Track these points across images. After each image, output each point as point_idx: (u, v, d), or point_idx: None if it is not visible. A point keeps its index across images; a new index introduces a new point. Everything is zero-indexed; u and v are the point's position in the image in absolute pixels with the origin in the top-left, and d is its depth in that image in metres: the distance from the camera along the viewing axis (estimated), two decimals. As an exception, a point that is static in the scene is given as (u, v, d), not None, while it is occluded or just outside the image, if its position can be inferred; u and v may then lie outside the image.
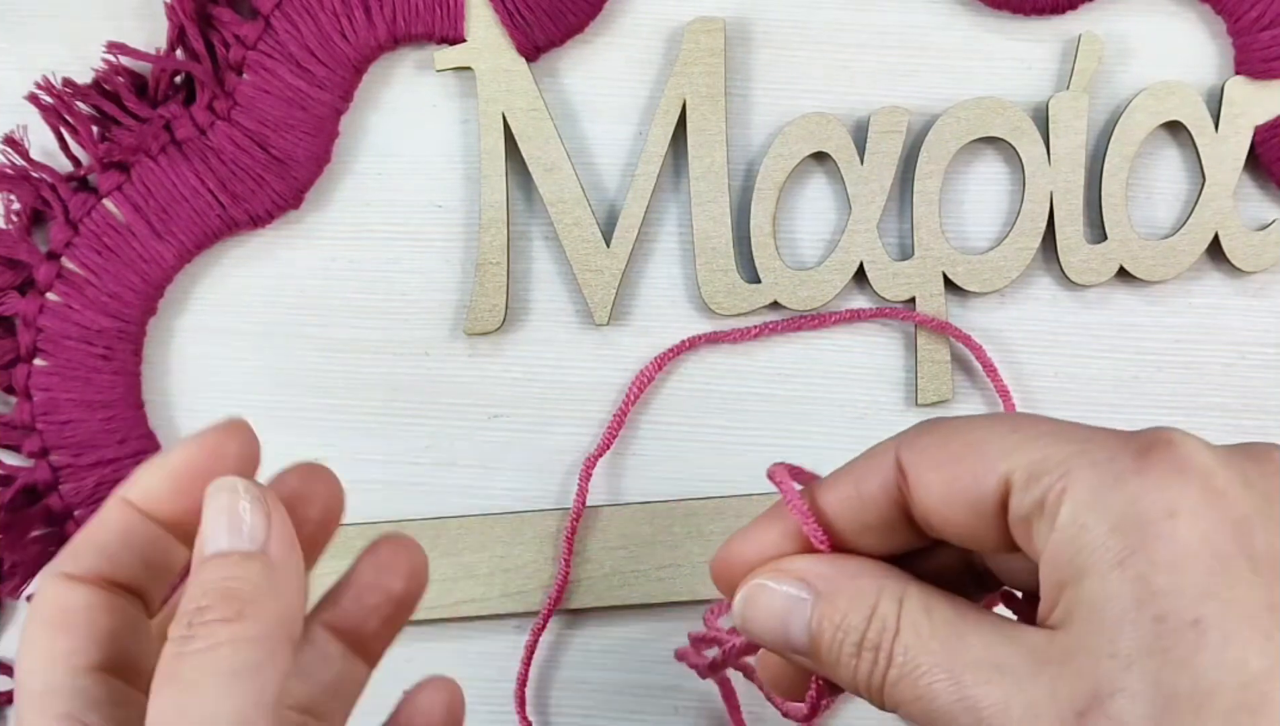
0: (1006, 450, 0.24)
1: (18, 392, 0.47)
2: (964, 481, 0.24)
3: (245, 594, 0.25)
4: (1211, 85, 0.50)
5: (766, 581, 0.26)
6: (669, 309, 0.50)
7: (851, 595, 0.25)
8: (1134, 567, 0.22)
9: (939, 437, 0.25)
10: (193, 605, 0.24)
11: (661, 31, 0.49)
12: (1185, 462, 0.22)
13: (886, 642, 0.24)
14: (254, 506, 0.26)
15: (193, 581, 0.25)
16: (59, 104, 0.47)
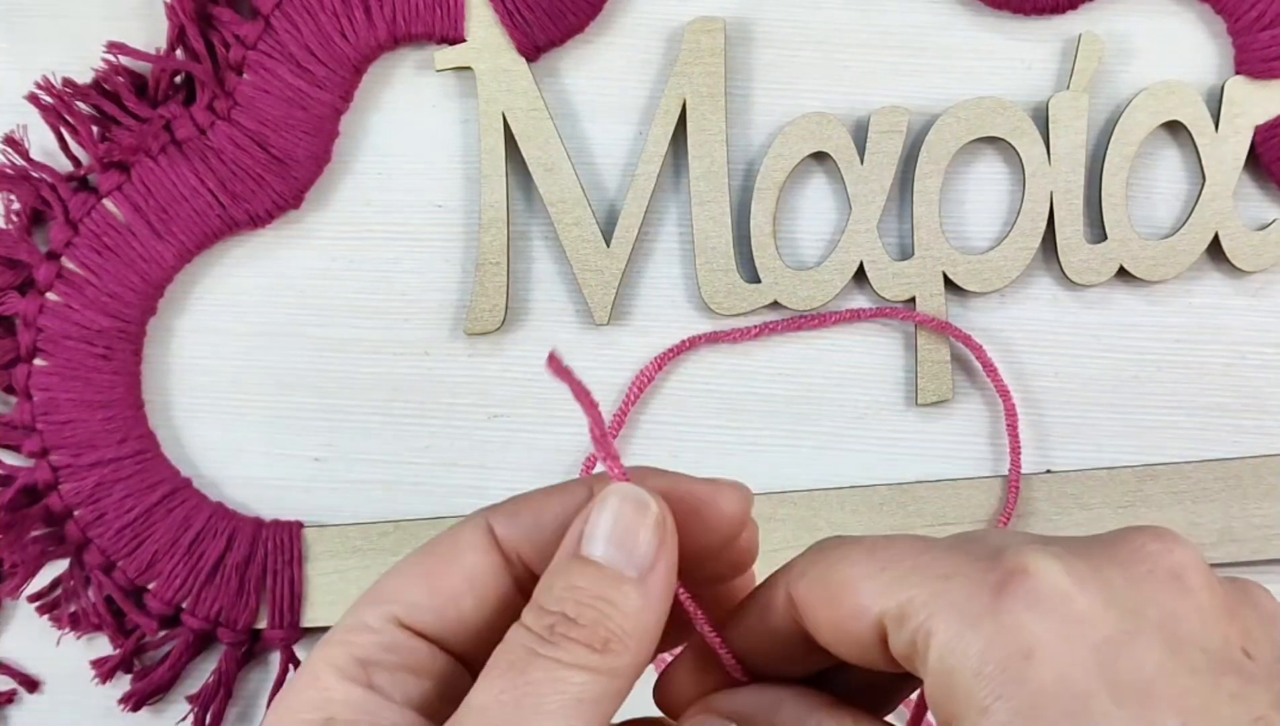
0: (876, 592, 0.24)
1: (18, 392, 0.47)
2: (845, 622, 0.25)
3: (615, 624, 0.24)
4: (1211, 85, 0.50)
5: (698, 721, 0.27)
6: (669, 309, 0.50)
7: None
8: (997, 716, 0.21)
9: (819, 574, 0.25)
10: (559, 608, 0.24)
11: (661, 31, 0.49)
12: (1041, 594, 0.22)
13: None
14: (652, 531, 0.25)
15: (561, 577, 0.24)
16: (59, 104, 0.47)
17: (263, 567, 0.48)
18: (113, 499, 0.47)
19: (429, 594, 0.26)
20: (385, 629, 0.25)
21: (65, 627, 0.48)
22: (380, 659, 0.25)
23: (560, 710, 0.23)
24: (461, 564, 0.26)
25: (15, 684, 0.50)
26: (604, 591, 0.24)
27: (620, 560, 0.24)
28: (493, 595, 0.26)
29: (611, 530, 0.24)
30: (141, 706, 0.48)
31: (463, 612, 0.26)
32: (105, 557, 0.47)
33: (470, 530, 0.26)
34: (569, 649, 0.23)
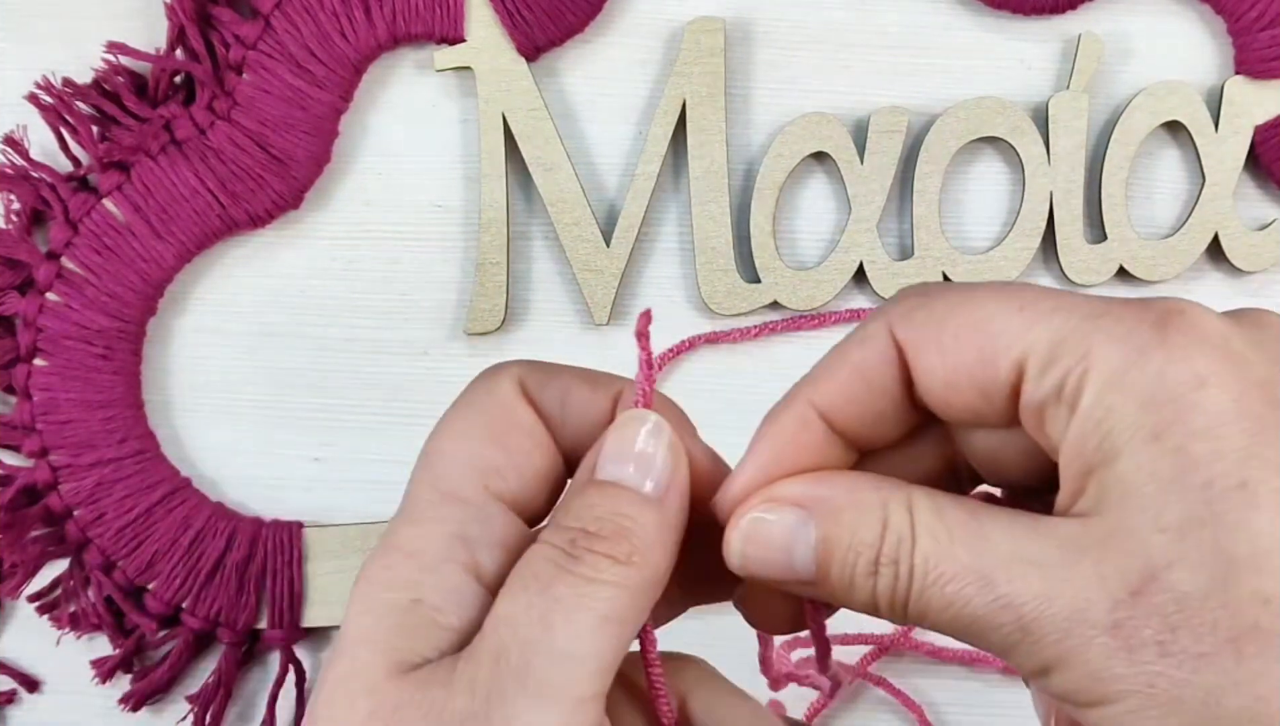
0: (1016, 332, 0.23)
1: (18, 392, 0.47)
2: (970, 367, 0.23)
3: (638, 538, 0.24)
4: (1211, 85, 0.50)
5: (760, 514, 0.25)
6: (669, 309, 0.50)
7: (855, 510, 0.24)
8: (1170, 440, 0.21)
9: (937, 315, 0.24)
10: (579, 525, 0.24)
11: (661, 31, 0.49)
12: (1203, 331, 0.22)
13: (905, 555, 0.23)
14: (668, 453, 0.25)
15: (579, 497, 0.24)
16: (59, 104, 0.47)
17: (263, 567, 0.48)
18: (113, 499, 0.47)
19: (506, 457, 0.25)
20: (482, 501, 0.25)
21: (65, 627, 0.48)
22: (479, 534, 0.24)
23: (586, 626, 0.23)
24: (519, 420, 0.26)
25: (15, 684, 0.50)
26: (622, 507, 0.24)
27: (636, 478, 0.24)
28: (550, 451, 0.26)
29: (622, 450, 0.25)
30: (141, 706, 0.48)
31: (537, 470, 0.26)
32: (105, 557, 0.47)
33: (508, 386, 0.26)
34: (593, 562, 0.23)
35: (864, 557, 0.23)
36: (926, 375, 0.24)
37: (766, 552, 0.25)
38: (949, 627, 0.23)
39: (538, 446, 0.26)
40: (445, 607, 0.24)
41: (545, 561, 0.23)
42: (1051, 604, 0.21)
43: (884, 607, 0.23)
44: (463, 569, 0.24)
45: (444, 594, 0.24)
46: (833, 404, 0.26)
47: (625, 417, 0.25)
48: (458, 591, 0.24)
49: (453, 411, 0.26)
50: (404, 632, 0.23)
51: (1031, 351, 0.22)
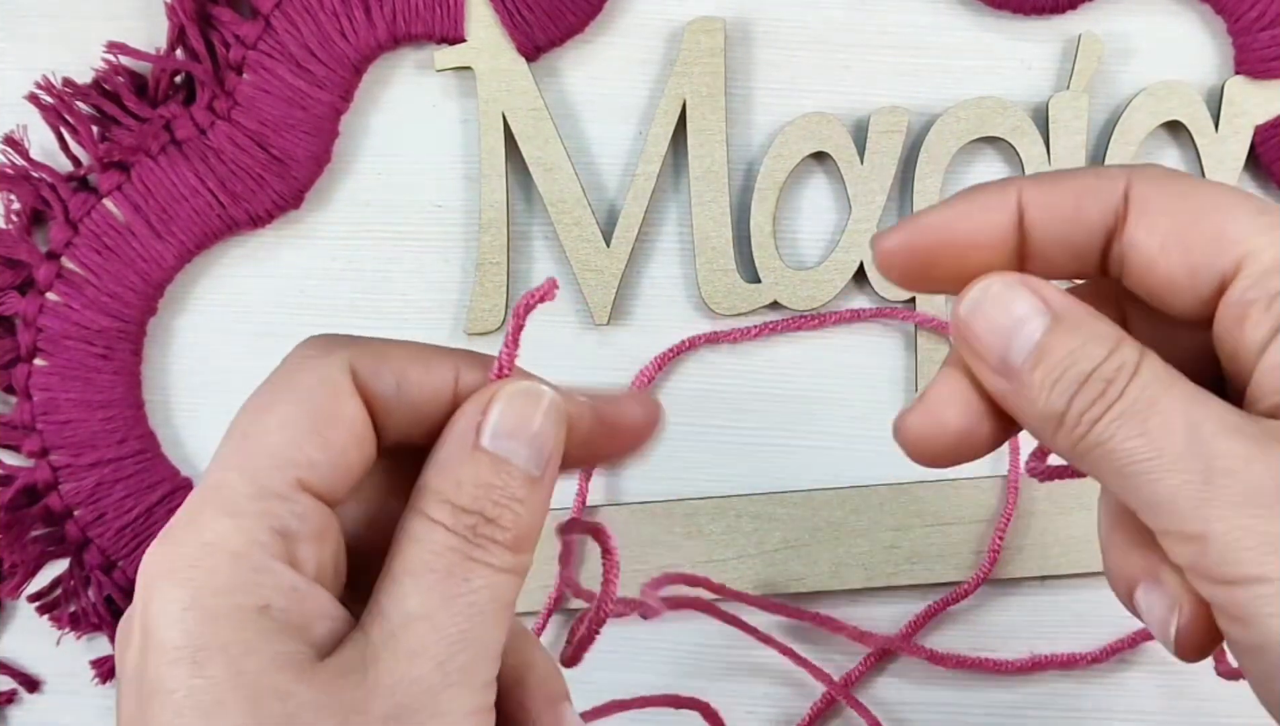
0: (1251, 231, 0.23)
1: (18, 392, 0.47)
2: (1194, 242, 0.24)
3: (523, 523, 0.24)
4: (1211, 85, 0.50)
5: (1006, 287, 0.25)
6: (669, 309, 0.50)
7: (1094, 330, 0.24)
8: None
9: (1181, 187, 0.24)
10: (478, 509, 0.24)
11: (661, 31, 0.49)
12: None
13: (1123, 377, 0.23)
14: (554, 428, 0.25)
15: (471, 471, 0.24)
16: (59, 104, 0.47)
17: (263, 567, 0.48)
18: (113, 499, 0.47)
19: (324, 452, 0.24)
20: (296, 496, 0.24)
21: (65, 627, 0.48)
22: (298, 529, 0.23)
23: (497, 616, 0.23)
24: (343, 415, 0.24)
25: (15, 684, 0.50)
26: (516, 491, 0.24)
27: (529, 459, 0.24)
28: (367, 444, 0.25)
29: (518, 427, 0.24)
30: (141, 706, 0.48)
31: (350, 466, 0.25)
32: (105, 557, 0.48)
33: (337, 372, 0.25)
34: (496, 551, 0.24)
35: (1079, 367, 0.24)
36: (1145, 234, 0.24)
37: (991, 323, 0.25)
38: (1120, 464, 0.23)
39: (357, 443, 0.25)
40: (290, 609, 0.23)
41: (448, 550, 0.23)
42: (1250, 465, 0.22)
43: (1070, 421, 0.24)
44: (289, 566, 0.23)
45: (284, 595, 0.23)
46: (1038, 204, 0.25)
47: (521, 391, 0.25)
48: (294, 590, 0.23)
49: (275, 388, 0.25)
50: (267, 638, 0.22)
51: (1260, 251, 0.23)
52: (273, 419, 0.24)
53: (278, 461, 0.24)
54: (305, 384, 0.25)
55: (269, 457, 0.24)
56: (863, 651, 0.50)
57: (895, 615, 0.50)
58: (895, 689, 0.50)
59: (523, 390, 0.25)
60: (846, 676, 0.50)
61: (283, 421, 0.24)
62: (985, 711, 0.50)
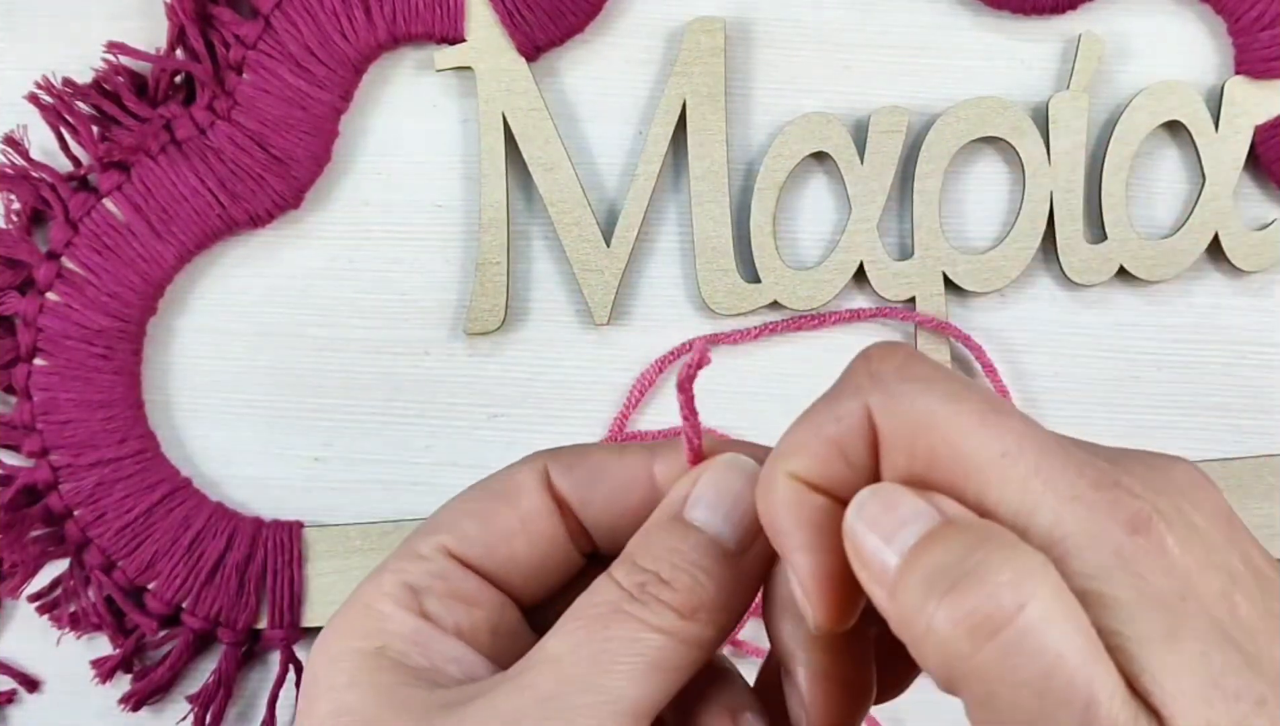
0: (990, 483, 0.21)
1: (18, 392, 0.47)
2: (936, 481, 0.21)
3: (708, 595, 0.24)
4: (1211, 85, 0.50)
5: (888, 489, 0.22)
6: (669, 309, 0.50)
7: None
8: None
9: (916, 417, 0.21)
10: (654, 567, 0.24)
11: (661, 31, 0.49)
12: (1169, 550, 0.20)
13: None
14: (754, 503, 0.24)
15: (662, 537, 0.24)
16: (59, 104, 0.47)
17: (263, 567, 0.48)
18: (113, 499, 0.47)
19: (481, 528, 0.26)
20: (436, 557, 0.26)
21: (65, 627, 0.48)
22: (430, 585, 0.25)
23: (634, 670, 0.23)
24: (517, 504, 0.26)
25: (15, 684, 0.50)
26: (703, 560, 0.24)
27: (725, 530, 0.24)
28: (545, 538, 0.26)
29: (718, 498, 0.24)
30: (141, 706, 0.48)
31: (514, 551, 0.26)
32: (105, 557, 0.48)
33: (527, 472, 0.27)
34: (656, 610, 0.23)
35: None
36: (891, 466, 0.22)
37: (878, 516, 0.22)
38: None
39: (527, 530, 0.26)
40: (409, 651, 0.24)
41: (606, 603, 0.23)
42: None
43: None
44: (413, 615, 0.25)
45: (406, 638, 0.24)
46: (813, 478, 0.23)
47: (724, 462, 0.25)
48: (419, 638, 0.24)
49: (474, 486, 0.27)
50: (382, 672, 0.24)
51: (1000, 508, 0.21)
52: (449, 506, 0.27)
53: (430, 530, 0.26)
54: (491, 481, 0.27)
55: (424, 529, 0.26)
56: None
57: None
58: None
59: (727, 463, 0.25)
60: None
61: (459, 505, 0.27)
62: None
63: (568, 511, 0.27)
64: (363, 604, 0.25)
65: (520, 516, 0.26)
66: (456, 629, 0.25)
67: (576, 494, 0.27)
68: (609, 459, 0.27)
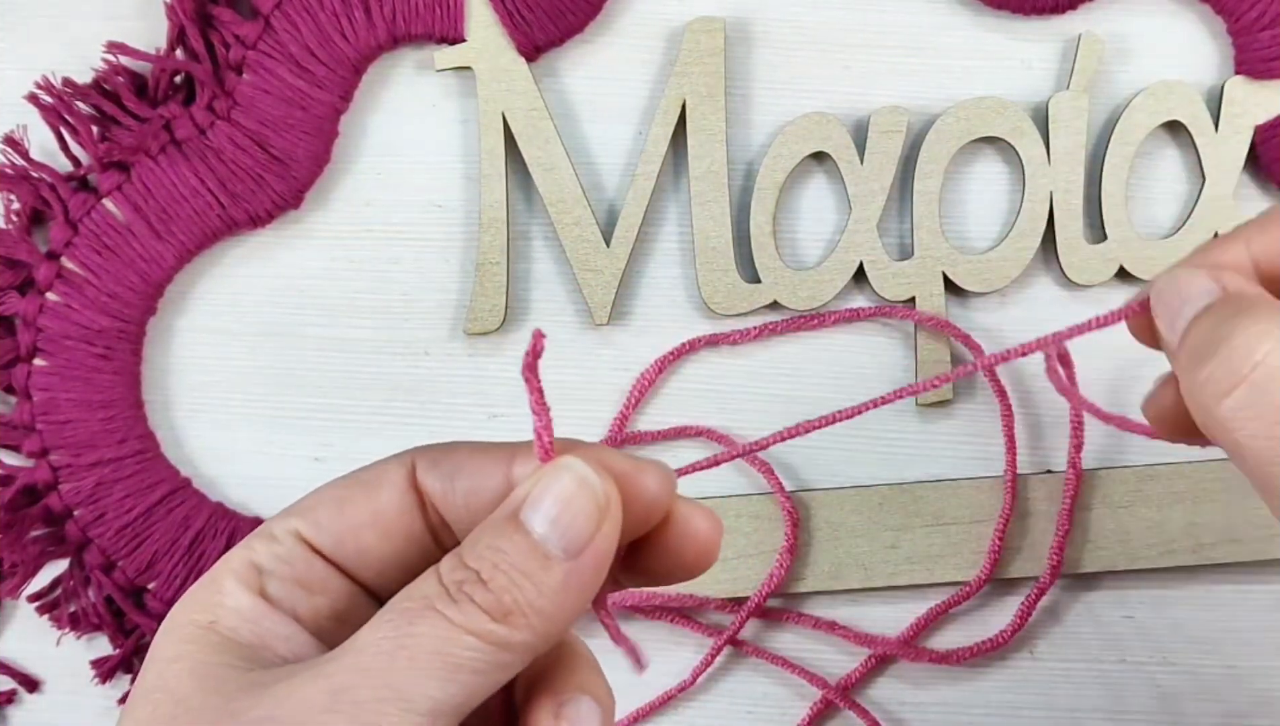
0: None
1: (18, 393, 0.47)
2: None
3: (525, 598, 0.23)
4: (1211, 85, 0.50)
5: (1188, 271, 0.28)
6: (669, 309, 0.50)
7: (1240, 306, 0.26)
8: None
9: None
10: (475, 565, 0.23)
11: (661, 31, 0.49)
12: None
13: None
14: (588, 516, 0.24)
15: (491, 536, 0.24)
16: (59, 104, 0.47)
17: (263, 567, 0.48)
18: (113, 499, 0.47)
19: (335, 517, 0.26)
20: (286, 540, 0.26)
21: (65, 627, 0.48)
22: (275, 568, 0.26)
23: (433, 670, 0.22)
24: (376, 497, 0.26)
25: (15, 684, 0.50)
26: (526, 563, 0.24)
27: (552, 537, 0.24)
28: (401, 533, 0.26)
29: (551, 504, 0.24)
30: (141, 706, 0.48)
31: (363, 544, 0.26)
32: (105, 557, 0.48)
33: (395, 467, 0.27)
34: (466, 610, 0.23)
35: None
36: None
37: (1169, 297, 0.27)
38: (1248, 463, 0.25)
39: (379, 523, 0.26)
40: (240, 628, 0.25)
41: (422, 597, 0.23)
42: None
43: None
44: (252, 593, 0.25)
45: (239, 615, 0.25)
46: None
47: (563, 465, 0.25)
48: (253, 615, 0.25)
49: (341, 476, 0.27)
50: (206, 649, 0.24)
51: None
52: (319, 490, 0.27)
53: (288, 513, 0.27)
54: (363, 470, 0.27)
55: (285, 511, 0.27)
56: (863, 652, 0.50)
57: (895, 615, 0.50)
58: (894, 689, 0.50)
59: (565, 466, 0.25)
60: (846, 679, 0.50)
61: (321, 491, 0.27)
62: (985, 711, 0.50)
63: (430, 507, 0.26)
64: (210, 578, 0.26)
65: (375, 509, 0.26)
66: (294, 612, 0.25)
67: (439, 489, 0.26)
68: (472, 456, 0.27)
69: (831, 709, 0.50)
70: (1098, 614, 0.51)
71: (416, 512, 0.26)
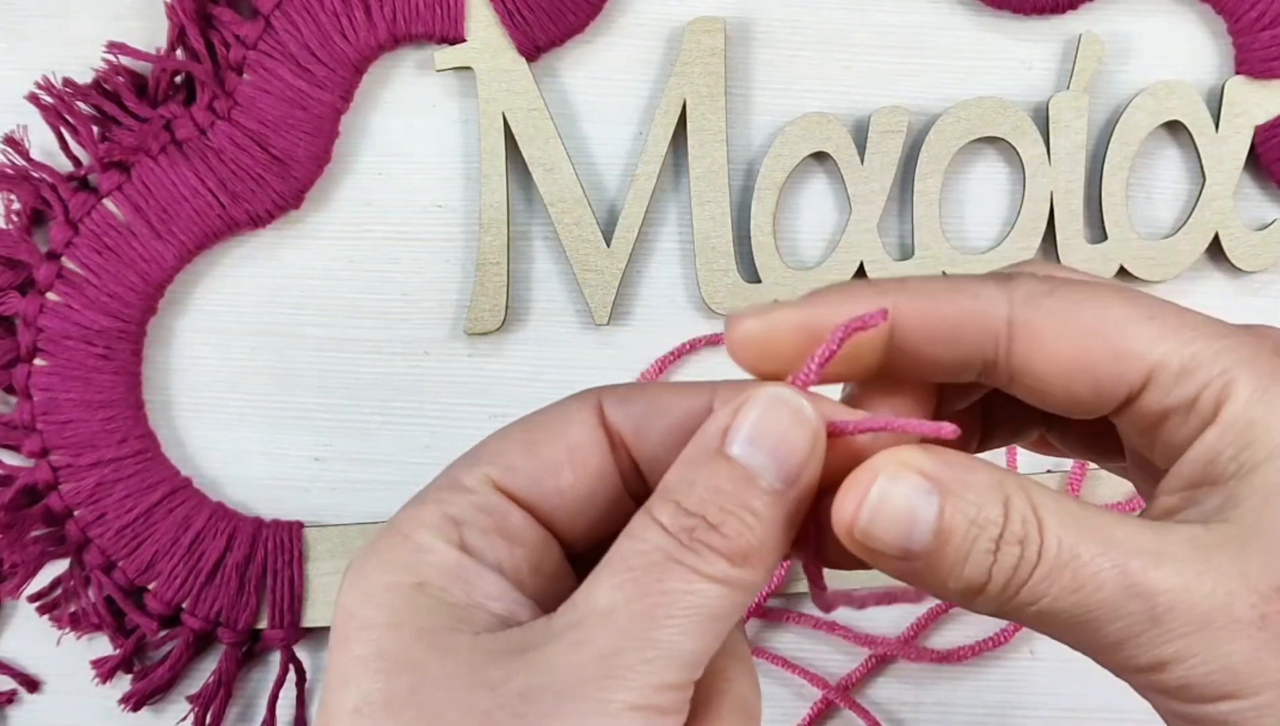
0: (1150, 341, 0.23)
1: (18, 392, 0.47)
2: (1096, 362, 0.23)
3: (757, 538, 0.22)
4: (1211, 85, 0.50)
5: (887, 481, 0.23)
6: (669, 309, 0.50)
7: (979, 488, 0.23)
8: None
9: (1067, 304, 0.24)
10: (700, 511, 0.22)
11: (661, 31, 0.49)
12: None
13: (1034, 535, 0.22)
14: (806, 442, 0.23)
15: (705, 474, 0.23)
16: (59, 104, 0.47)
17: (263, 567, 0.48)
18: (113, 499, 0.47)
19: (528, 459, 0.25)
20: (480, 488, 0.25)
21: (65, 627, 0.48)
22: (473, 519, 0.24)
23: (689, 624, 0.22)
24: (566, 435, 0.25)
25: (15, 684, 0.50)
26: (750, 500, 0.23)
27: (770, 468, 0.23)
28: (593, 471, 0.25)
29: (764, 433, 0.23)
30: (141, 706, 0.48)
31: (560, 483, 0.25)
32: (105, 557, 0.48)
33: (579, 406, 0.25)
34: (709, 559, 0.22)
35: (986, 534, 0.23)
36: (1041, 361, 0.24)
37: (889, 523, 0.23)
38: (1063, 614, 0.22)
39: (574, 461, 0.25)
40: (450, 588, 0.23)
41: (656, 549, 0.22)
42: (1190, 594, 0.22)
43: (995, 589, 0.23)
44: (455, 548, 0.24)
45: (446, 573, 0.23)
46: (911, 326, 0.24)
47: (770, 395, 0.23)
48: (460, 573, 0.23)
49: (521, 419, 0.26)
50: (423, 613, 0.23)
51: (1165, 362, 0.23)
52: (501, 434, 0.25)
53: (474, 460, 0.25)
54: (537, 414, 0.26)
55: (468, 459, 0.25)
56: (863, 652, 0.50)
57: (895, 616, 0.50)
58: (894, 689, 0.50)
59: (780, 398, 0.23)
60: (846, 679, 0.50)
61: (505, 435, 0.25)
62: (984, 711, 0.50)
63: (620, 447, 0.25)
64: (401, 534, 0.24)
65: (568, 447, 0.25)
66: (498, 565, 0.24)
67: (631, 427, 0.25)
68: (667, 394, 0.25)
69: (832, 709, 0.50)
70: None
71: (608, 451, 0.25)
